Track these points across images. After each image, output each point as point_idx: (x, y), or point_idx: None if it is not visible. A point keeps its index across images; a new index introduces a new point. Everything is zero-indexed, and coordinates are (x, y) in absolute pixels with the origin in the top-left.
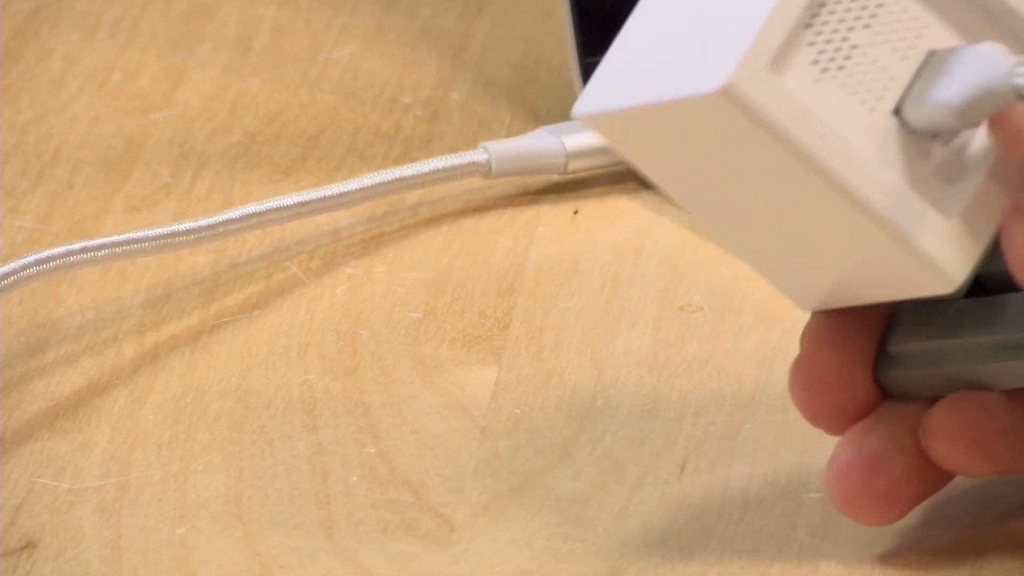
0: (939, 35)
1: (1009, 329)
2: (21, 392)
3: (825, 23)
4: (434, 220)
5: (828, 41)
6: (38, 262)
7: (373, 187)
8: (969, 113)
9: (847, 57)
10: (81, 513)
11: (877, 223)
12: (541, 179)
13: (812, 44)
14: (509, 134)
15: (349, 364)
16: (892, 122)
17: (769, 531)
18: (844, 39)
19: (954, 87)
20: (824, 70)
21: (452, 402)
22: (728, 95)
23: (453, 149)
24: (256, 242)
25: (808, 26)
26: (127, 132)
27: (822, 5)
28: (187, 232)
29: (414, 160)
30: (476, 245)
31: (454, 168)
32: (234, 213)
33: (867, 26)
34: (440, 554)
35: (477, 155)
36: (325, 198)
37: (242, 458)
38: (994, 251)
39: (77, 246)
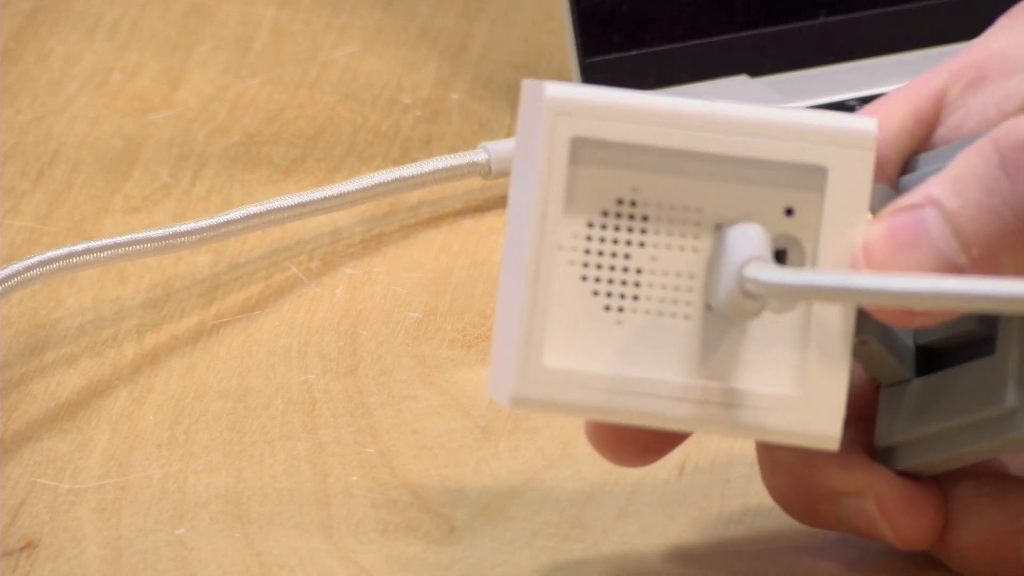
0: (721, 202)
1: (976, 407)
2: (21, 392)
3: (598, 266)
4: (434, 220)
5: (610, 281)
6: (40, 263)
7: (373, 187)
8: (738, 313)
9: (636, 284)
10: (81, 513)
11: (733, 435)
12: None
13: (596, 293)
14: (509, 134)
15: (349, 364)
16: (710, 318)
17: (769, 531)
18: (624, 268)
19: (721, 281)
20: (620, 311)
21: (452, 402)
22: (521, 404)
23: (453, 149)
24: (256, 242)
25: (583, 279)
26: (127, 132)
27: (590, 249)
28: (188, 233)
29: (414, 160)
30: (476, 245)
31: (454, 168)
32: (234, 214)
33: (641, 244)
34: (440, 554)
35: (477, 155)
36: (325, 198)
37: (242, 458)
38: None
39: (79, 247)
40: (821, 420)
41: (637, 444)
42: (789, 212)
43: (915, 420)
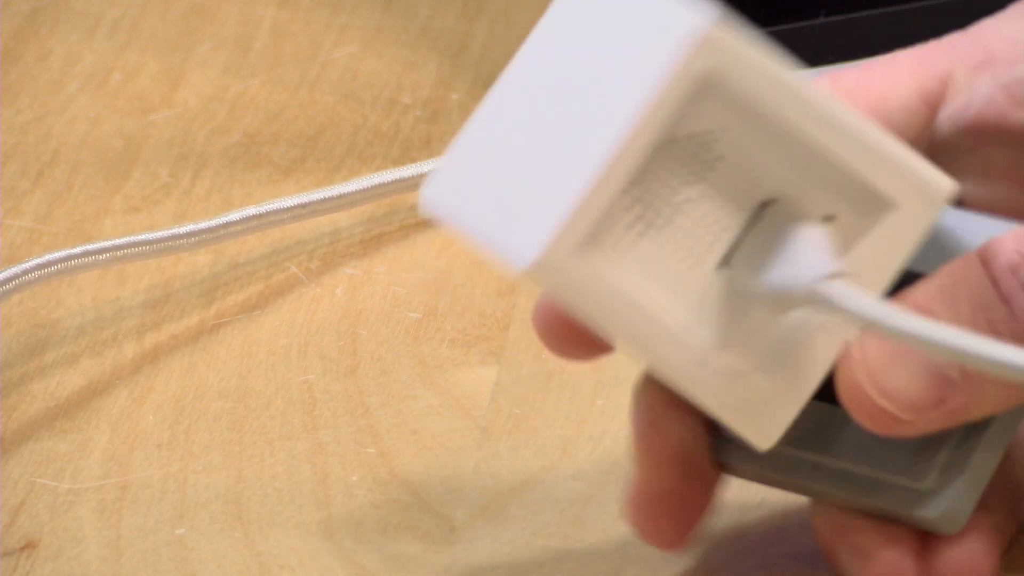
0: (780, 183)
1: (847, 457)
2: (21, 392)
3: (654, 180)
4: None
5: (652, 200)
6: (39, 266)
7: (373, 188)
8: (779, 302)
9: (672, 215)
10: (81, 513)
11: (690, 389)
12: None
13: (635, 204)
14: None
15: (349, 364)
16: (716, 278)
17: (769, 531)
18: (672, 195)
19: (773, 272)
20: (644, 231)
21: (452, 402)
22: (535, 273)
23: None
24: (256, 243)
25: (635, 184)
26: (126, 132)
27: (650, 165)
28: (187, 235)
29: (414, 160)
30: None
31: None
32: (234, 215)
33: (692, 184)
34: (440, 554)
35: None
36: (325, 199)
37: (242, 458)
38: None
39: (78, 250)
40: (763, 423)
41: (584, 340)
42: (828, 219)
43: (806, 440)
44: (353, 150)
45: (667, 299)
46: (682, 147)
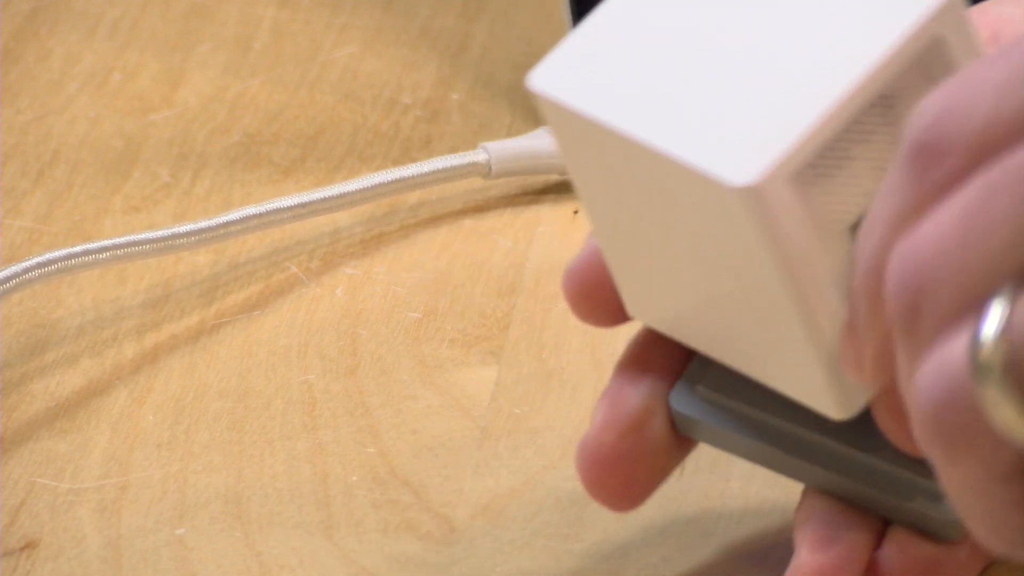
0: None
1: (857, 444)
2: (21, 392)
3: (845, 131)
4: (434, 220)
5: (834, 150)
6: (39, 265)
7: (373, 187)
8: None
9: (839, 167)
10: (81, 513)
11: (813, 346)
12: (541, 179)
13: (827, 150)
14: (509, 134)
15: (349, 364)
16: (846, 240)
17: (769, 531)
18: (847, 149)
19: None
20: (816, 176)
21: (452, 402)
22: (749, 196)
23: (453, 149)
24: (256, 242)
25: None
26: (127, 132)
27: (856, 120)
28: (187, 234)
29: (414, 160)
30: (476, 245)
31: (454, 168)
32: (234, 215)
33: (868, 141)
34: (440, 554)
35: (477, 155)
36: (325, 199)
37: (242, 458)
38: None
39: (78, 249)
40: (850, 392)
41: (614, 306)
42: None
43: (762, 399)
44: (353, 150)
45: (820, 247)
46: (877, 105)
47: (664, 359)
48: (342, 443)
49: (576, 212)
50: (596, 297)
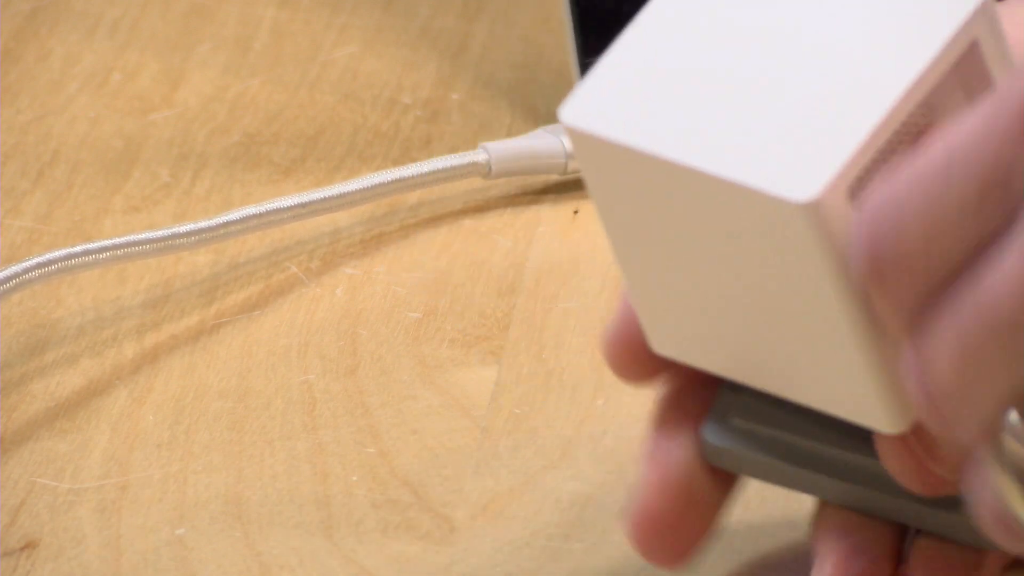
0: None
1: (852, 447)
2: (21, 392)
3: (884, 140)
4: (434, 220)
5: (880, 158)
6: (39, 265)
7: (373, 187)
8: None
9: (871, 176)
10: (81, 513)
11: (868, 361)
12: (541, 179)
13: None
14: (509, 134)
15: (349, 364)
16: None
17: (769, 531)
18: (882, 158)
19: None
20: (867, 186)
21: (452, 402)
22: (811, 212)
23: (453, 149)
24: (256, 242)
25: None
26: (127, 132)
27: (901, 128)
28: (187, 234)
29: (414, 160)
30: (476, 245)
31: (454, 168)
32: (234, 215)
33: (898, 149)
34: (440, 554)
35: (477, 155)
36: (325, 199)
37: (242, 458)
38: None
39: (78, 249)
40: (903, 405)
41: (653, 364)
42: None
43: (795, 424)
44: (353, 150)
45: None
46: (916, 112)
47: (697, 407)
48: (342, 443)
49: (576, 212)
50: (638, 358)
